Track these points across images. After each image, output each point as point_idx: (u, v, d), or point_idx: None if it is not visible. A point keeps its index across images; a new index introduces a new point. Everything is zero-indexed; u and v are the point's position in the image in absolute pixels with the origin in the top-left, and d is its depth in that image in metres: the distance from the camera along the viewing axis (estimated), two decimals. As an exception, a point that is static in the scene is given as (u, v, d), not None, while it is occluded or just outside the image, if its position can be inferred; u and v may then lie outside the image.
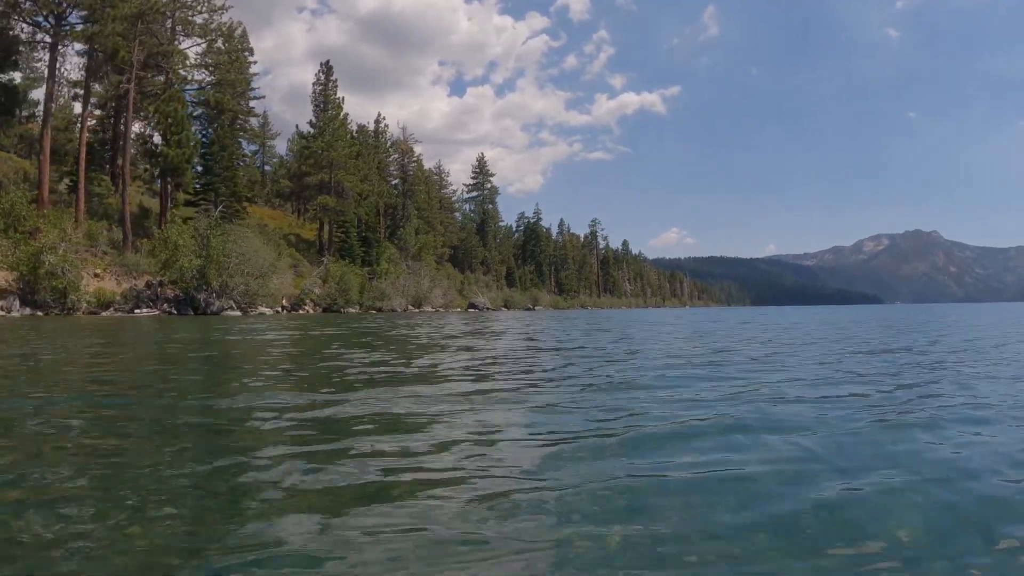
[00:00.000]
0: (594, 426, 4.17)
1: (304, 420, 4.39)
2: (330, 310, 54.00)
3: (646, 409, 4.78)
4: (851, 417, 4.43)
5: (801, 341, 13.34)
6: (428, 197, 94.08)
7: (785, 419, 4.37)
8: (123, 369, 8.06)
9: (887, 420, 4.38)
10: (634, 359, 9.45)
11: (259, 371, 7.87)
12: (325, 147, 67.08)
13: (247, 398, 5.28)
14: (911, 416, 4.55)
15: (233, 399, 5.23)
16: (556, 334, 17.02)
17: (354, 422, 4.30)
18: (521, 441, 3.84)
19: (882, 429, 4.11)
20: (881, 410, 4.77)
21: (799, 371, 7.47)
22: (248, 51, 72.02)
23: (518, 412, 4.78)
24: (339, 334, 16.83)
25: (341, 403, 4.99)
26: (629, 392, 5.73)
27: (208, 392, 5.98)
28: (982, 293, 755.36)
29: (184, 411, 4.76)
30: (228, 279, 38.34)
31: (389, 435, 3.88)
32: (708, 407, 4.87)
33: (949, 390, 5.84)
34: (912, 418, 4.47)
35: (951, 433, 3.97)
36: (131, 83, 44.13)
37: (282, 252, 55.78)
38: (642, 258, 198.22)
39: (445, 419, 4.40)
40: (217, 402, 5.13)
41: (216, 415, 4.61)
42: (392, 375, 7.29)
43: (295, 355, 10.52)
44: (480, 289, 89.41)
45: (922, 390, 5.89)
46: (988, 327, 20.19)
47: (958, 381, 6.54)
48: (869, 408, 4.85)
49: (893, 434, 3.96)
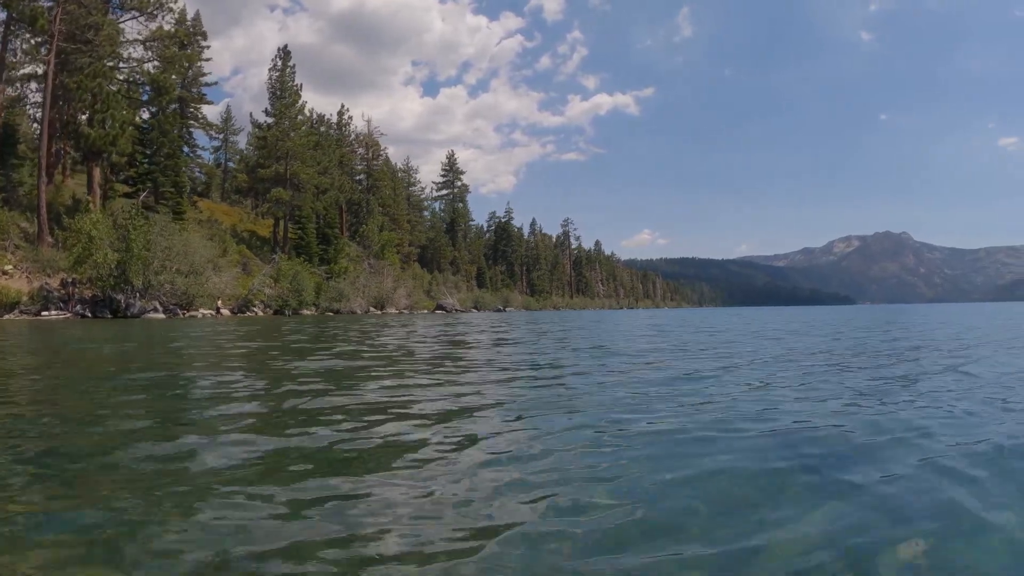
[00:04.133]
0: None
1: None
2: (281, 312, 49.40)
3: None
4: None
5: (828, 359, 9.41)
6: (394, 194, 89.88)
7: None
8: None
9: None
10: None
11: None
12: (280, 136, 62.34)
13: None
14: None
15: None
16: (554, 349, 12.78)
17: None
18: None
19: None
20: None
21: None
22: (201, 35, 67.49)
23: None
24: (259, 348, 12.43)
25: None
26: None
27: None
28: (951, 293, 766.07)
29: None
30: (153, 277, 33.52)
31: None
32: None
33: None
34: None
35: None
36: (51, 55, 39.25)
37: (229, 248, 51.02)
38: (615, 259, 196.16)
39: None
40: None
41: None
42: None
43: (115, 387, 6.16)
44: (449, 290, 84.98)
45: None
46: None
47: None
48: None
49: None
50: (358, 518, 2.44)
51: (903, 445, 3.56)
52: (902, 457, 3.30)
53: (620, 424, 4.13)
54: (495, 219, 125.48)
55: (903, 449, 3.48)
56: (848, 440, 3.70)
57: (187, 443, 3.57)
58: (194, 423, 4.30)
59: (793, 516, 2.47)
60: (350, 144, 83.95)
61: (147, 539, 2.24)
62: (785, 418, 4.33)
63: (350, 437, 3.76)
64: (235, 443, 3.59)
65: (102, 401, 5.23)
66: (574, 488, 2.78)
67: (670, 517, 2.45)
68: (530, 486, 2.83)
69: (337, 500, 2.64)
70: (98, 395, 5.65)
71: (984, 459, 3.26)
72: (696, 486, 2.83)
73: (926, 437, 3.73)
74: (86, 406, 4.99)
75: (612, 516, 2.45)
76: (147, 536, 2.26)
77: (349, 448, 3.51)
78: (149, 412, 4.66)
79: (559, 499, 2.63)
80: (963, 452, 3.37)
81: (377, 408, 4.75)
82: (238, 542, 2.20)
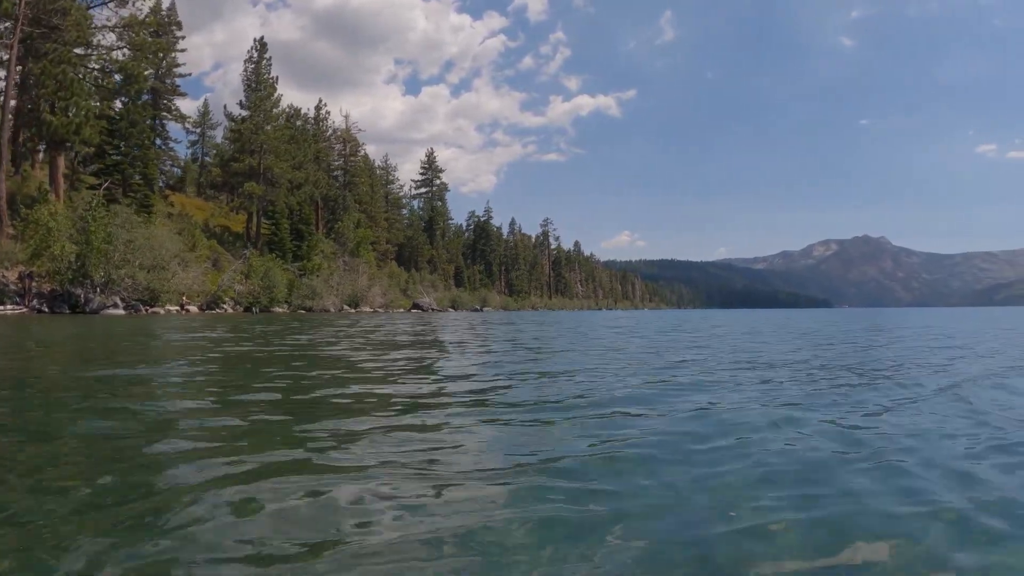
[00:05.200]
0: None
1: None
2: (251, 310, 48.28)
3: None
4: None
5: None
6: (372, 190, 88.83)
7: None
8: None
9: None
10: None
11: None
12: (254, 129, 61.11)
13: None
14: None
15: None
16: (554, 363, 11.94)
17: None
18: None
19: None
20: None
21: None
22: (176, 25, 66.07)
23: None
24: (200, 343, 11.52)
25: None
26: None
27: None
28: (928, 298, 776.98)
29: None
30: (113, 271, 32.34)
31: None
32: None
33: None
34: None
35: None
36: (14, 39, 37.97)
37: (198, 243, 49.82)
38: (594, 260, 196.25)
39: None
40: None
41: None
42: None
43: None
44: (426, 288, 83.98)
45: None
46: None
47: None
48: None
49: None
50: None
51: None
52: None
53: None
54: (474, 218, 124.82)
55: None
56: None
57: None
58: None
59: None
60: (327, 139, 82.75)
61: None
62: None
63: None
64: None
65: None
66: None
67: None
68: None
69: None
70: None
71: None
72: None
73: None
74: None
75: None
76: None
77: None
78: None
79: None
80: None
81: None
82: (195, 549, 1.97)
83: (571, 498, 2.45)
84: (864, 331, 18.48)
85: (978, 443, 3.45)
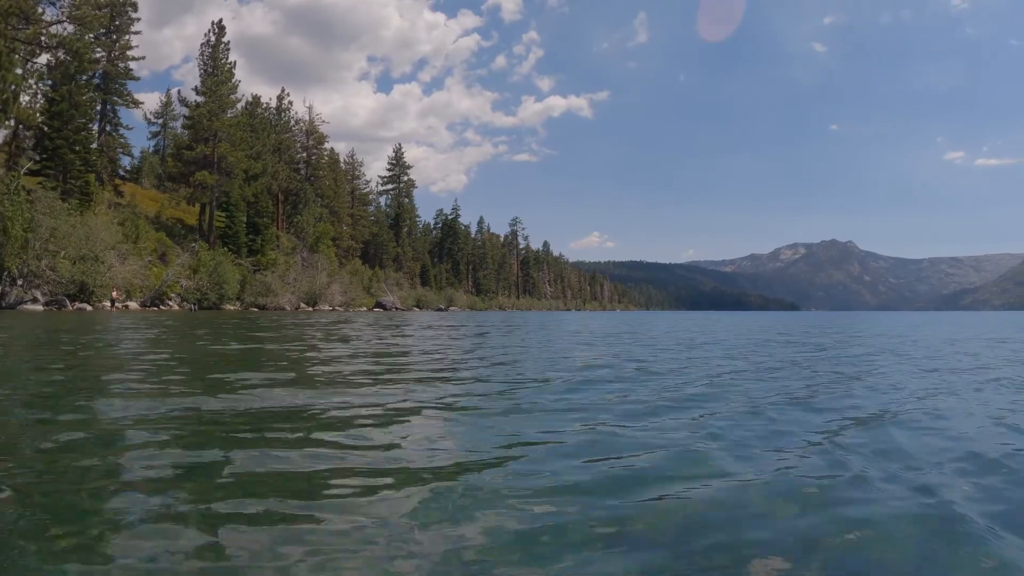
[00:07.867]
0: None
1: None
2: (201, 307, 45.27)
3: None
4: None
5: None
6: (335, 185, 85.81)
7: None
8: None
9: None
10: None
11: None
12: (209, 115, 57.94)
13: None
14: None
15: None
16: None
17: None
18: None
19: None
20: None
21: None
22: (131, 6, 62.53)
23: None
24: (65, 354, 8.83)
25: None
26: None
27: None
28: (894, 302, 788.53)
29: None
30: (32, 262, 29.27)
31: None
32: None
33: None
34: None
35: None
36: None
37: (142, 235, 46.62)
38: (563, 260, 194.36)
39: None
40: None
41: None
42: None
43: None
44: (390, 287, 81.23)
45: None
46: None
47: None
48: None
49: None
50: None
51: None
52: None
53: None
54: (442, 216, 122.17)
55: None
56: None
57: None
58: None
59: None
60: (290, 131, 79.65)
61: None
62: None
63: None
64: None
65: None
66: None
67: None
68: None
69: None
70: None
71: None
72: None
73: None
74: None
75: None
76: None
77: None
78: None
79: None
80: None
81: None
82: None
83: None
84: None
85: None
